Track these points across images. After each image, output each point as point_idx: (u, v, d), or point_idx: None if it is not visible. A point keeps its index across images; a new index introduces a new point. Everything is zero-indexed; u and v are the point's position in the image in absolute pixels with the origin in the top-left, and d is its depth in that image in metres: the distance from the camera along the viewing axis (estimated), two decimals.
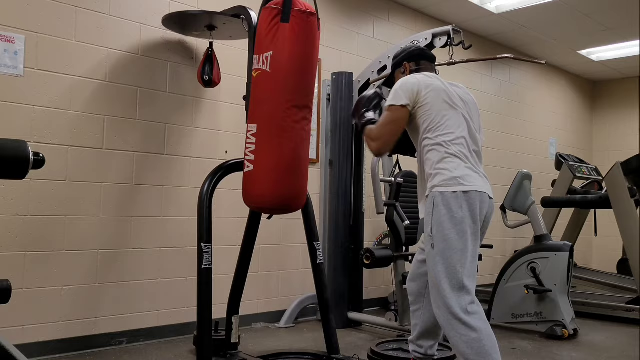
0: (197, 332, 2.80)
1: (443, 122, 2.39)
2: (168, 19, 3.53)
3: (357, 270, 4.37)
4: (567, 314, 4.05)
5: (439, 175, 2.35)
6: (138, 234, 3.59)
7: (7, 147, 1.68)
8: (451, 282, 2.26)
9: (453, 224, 2.28)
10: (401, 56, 2.71)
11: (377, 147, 2.48)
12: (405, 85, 2.45)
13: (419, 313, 2.63)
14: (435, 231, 2.31)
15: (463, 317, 2.23)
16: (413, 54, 2.69)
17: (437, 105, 2.41)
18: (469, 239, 2.29)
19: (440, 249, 2.29)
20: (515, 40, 6.45)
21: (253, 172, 2.70)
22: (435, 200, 2.32)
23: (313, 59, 2.71)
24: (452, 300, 2.25)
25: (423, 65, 2.66)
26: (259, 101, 2.71)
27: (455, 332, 2.25)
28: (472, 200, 2.31)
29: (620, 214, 4.69)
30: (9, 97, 3.10)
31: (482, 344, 2.21)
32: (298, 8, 2.63)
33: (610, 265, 6.69)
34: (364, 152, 4.47)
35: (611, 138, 8.14)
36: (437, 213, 2.31)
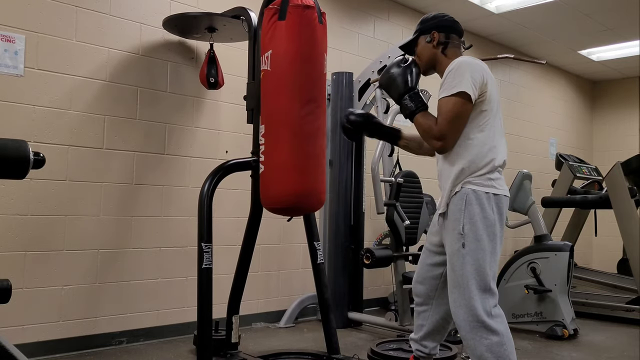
0: (197, 332, 2.80)
1: (493, 122, 2.27)
2: (168, 22, 3.53)
3: (357, 270, 4.37)
4: (567, 314, 4.05)
5: (473, 173, 2.23)
6: (138, 234, 3.59)
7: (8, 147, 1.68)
8: (479, 283, 2.18)
9: (485, 225, 2.20)
10: (432, 22, 2.40)
11: (442, 147, 2.25)
12: (475, 71, 2.21)
13: (426, 314, 2.51)
14: (467, 230, 2.19)
15: (486, 320, 2.16)
16: (445, 24, 2.39)
17: (494, 104, 2.28)
18: (497, 242, 2.23)
19: (471, 248, 2.19)
20: (515, 40, 6.45)
21: (264, 172, 2.71)
22: (468, 198, 2.21)
23: (313, 53, 2.66)
24: (478, 302, 2.17)
25: (453, 39, 2.39)
26: (265, 101, 2.73)
27: (475, 335, 2.17)
28: (500, 204, 2.24)
29: (621, 214, 4.69)
30: (9, 97, 3.10)
31: (503, 348, 2.15)
32: (293, 3, 2.60)
33: (610, 265, 6.69)
34: (364, 152, 4.47)
35: (611, 138, 8.14)
36: (470, 212, 2.20)
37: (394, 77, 2.33)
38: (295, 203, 2.68)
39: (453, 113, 2.18)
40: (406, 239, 3.91)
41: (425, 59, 2.41)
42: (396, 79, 2.33)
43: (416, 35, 2.44)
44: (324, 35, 2.73)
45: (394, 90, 2.34)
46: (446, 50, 2.38)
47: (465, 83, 2.16)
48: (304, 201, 2.69)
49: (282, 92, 2.63)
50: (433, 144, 2.27)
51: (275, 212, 2.81)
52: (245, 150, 3.30)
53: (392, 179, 3.90)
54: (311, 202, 2.73)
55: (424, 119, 2.27)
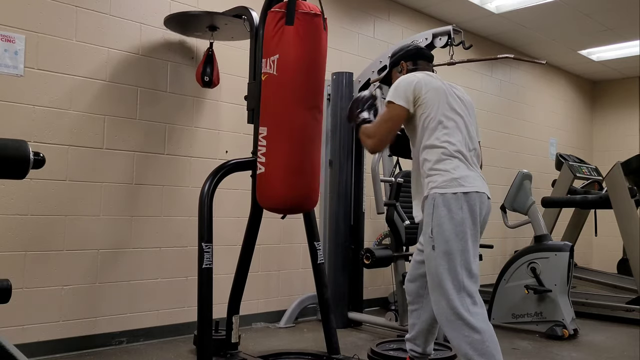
0: (198, 332, 2.80)
1: (442, 122, 2.39)
2: (169, 20, 3.53)
3: (357, 270, 4.37)
4: (567, 314, 4.05)
5: (438, 175, 2.34)
6: (138, 234, 3.59)
7: (8, 147, 1.68)
8: (453, 283, 2.26)
9: (453, 225, 2.28)
10: (398, 55, 2.71)
11: (372, 144, 2.49)
12: (405, 83, 2.44)
13: (417, 313, 2.64)
14: (435, 232, 2.31)
15: (467, 318, 2.22)
16: (410, 52, 2.69)
17: (437, 105, 2.41)
18: (468, 239, 2.29)
19: (441, 250, 2.29)
20: (515, 40, 6.45)
21: (264, 173, 2.76)
22: (436, 201, 2.32)
23: (319, 60, 2.73)
24: (456, 301, 2.24)
25: (420, 64, 2.65)
26: (268, 104, 2.77)
27: (457, 333, 2.24)
28: (472, 202, 2.31)
29: (621, 214, 4.69)
30: (9, 97, 3.10)
31: (485, 345, 2.20)
32: (302, 10, 2.65)
33: (610, 265, 6.69)
34: (364, 152, 4.46)
35: (611, 138, 8.14)
36: (437, 214, 2.30)
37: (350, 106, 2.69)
38: (294, 204, 2.78)
39: (382, 116, 2.47)
40: (406, 239, 3.91)
41: None
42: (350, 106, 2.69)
43: (389, 69, 2.77)
44: (326, 42, 2.80)
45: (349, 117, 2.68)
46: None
47: (393, 94, 2.43)
48: (302, 202, 2.80)
49: (289, 97, 2.69)
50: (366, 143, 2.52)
51: (272, 211, 2.89)
52: (245, 150, 3.30)
53: (392, 179, 3.90)
54: (308, 202, 2.84)
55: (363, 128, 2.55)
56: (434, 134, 2.39)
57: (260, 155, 2.77)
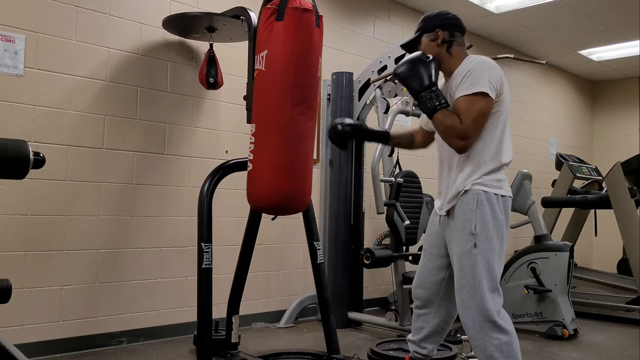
0: (197, 332, 2.80)
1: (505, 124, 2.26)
2: (168, 22, 3.53)
3: (357, 270, 4.37)
4: (567, 314, 4.05)
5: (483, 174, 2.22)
6: (138, 234, 3.59)
7: (8, 147, 1.68)
8: (489, 283, 2.18)
9: (496, 225, 2.20)
10: (435, 20, 2.36)
11: (465, 146, 2.18)
12: (494, 72, 2.21)
13: (426, 317, 2.46)
14: (479, 230, 2.18)
15: (497, 320, 2.16)
16: (449, 22, 2.36)
17: (507, 106, 2.27)
18: (505, 243, 2.25)
19: (483, 249, 2.18)
20: (515, 40, 6.45)
21: (252, 171, 2.72)
22: (480, 198, 2.20)
23: (309, 55, 2.66)
24: (489, 302, 2.16)
25: (457, 37, 2.36)
26: (256, 100, 2.73)
27: (485, 335, 2.16)
28: (507, 206, 2.26)
29: (621, 214, 4.69)
30: (9, 97, 3.10)
31: (512, 347, 2.15)
32: (292, 5, 2.61)
33: (610, 265, 6.68)
34: (364, 152, 4.47)
35: (611, 138, 8.14)
36: (482, 212, 2.19)
37: (415, 70, 2.23)
38: (279, 203, 2.70)
39: (478, 112, 2.15)
40: (406, 239, 3.91)
41: None
42: (418, 72, 2.22)
43: (419, 33, 2.38)
44: (320, 39, 2.73)
45: (415, 83, 2.23)
46: (451, 48, 2.33)
47: (486, 83, 2.15)
48: (288, 202, 2.71)
49: (274, 92, 2.64)
50: (455, 143, 2.18)
51: (259, 210, 2.84)
52: (245, 150, 3.29)
53: (392, 179, 3.90)
54: (295, 203, 2.75)
55: (446, 117, 2.17)
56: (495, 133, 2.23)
57: (249, 153, 2.74)
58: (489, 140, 2.22)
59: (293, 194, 2.71)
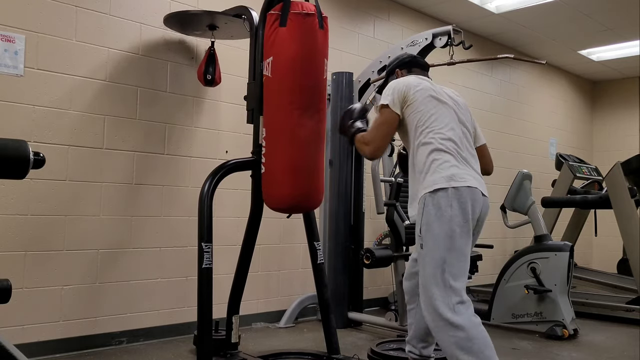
0: (197, 332, 2.80)
1: (432, 118, 2.40)
2: (169, 19, 3.53)
3: (357, 270, 4.37)
4: (567, 314, 4.05)
5: (429, 174, 2.34)
6: (138, 234, 3.59)
7: (8, 147, 1.68)
8: (437, 282, 2.25)
9: (441, 222, 2.27)
10: (393, 64, 2.76)
11: (370, 151, 2.48)
12: (395, 87, 2.48)
13: (413, 312, 2.64)
14: (423, 231, 2.32)
15: (449, 317, 2.20)
16: (404, 61, 2.73)
17: (425, 102, 2.42)
18: (457, 237, 2.27)
19: (429, 248, 2.29)
20: (515, 40, 6.45)
21: (265, 174, 2.82)
22: (426, 201, 2.32)
23: (314, 59, 2.71)
24: (439, 300, 2.23)
25: (415, 72, 2.68)
26: (265, 106, 2.80)
27: (443, 333, 2.23)
28: (462, 198, 2.29)
29: (621, 214, 4.69)
30: (9, 97, 3.10)
31: (471, 342, 2.17)
32: (295, 10, 2.65)
33: (610, 265, 6.69)
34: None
35: (611, 138, 8.14)
36: (426, 213, 2.31)
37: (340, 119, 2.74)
38: (293, 204, 2.82)
39: (376, 121, 2.49)
40: (406, 239, 3.91)
41: None
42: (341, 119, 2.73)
43: (385, 78, 2.80)
44: (325, 41, 2.77)
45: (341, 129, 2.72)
46: None
47: (386, 97, 2.46)
48: (301, 202, 2.83)
49: (282, 98, 2.71)
50: (363, 149, 2.52)
51: (276, 211, 2.92)
52: (245, 150, 3.30)
53: (392, 179, 3.90)
54: (308, 202, 2.87)
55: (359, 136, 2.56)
56: (425, 131, 2.39)
57: (262, 156, 2.83)
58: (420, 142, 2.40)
59: (304, 195, 2.80)
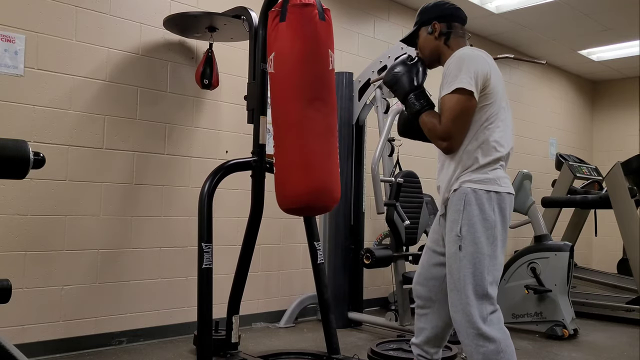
0: (198, 332, 2.80)
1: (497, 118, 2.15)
2: (169, 21, 3.53)
3: (357, 270, 4.37)
4: (567, 314, 4.05)
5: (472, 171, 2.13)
6: (138, 234, 3.59)
7: (8, 147, 1.68)
8: (475, 288, 2.08)
9: (485, 227, 2.09)
10: (431, 13, 2.28)
11: (448, 147, 2.14)
12: (476, 64, 2.10)
13: (427, 317, 2.37)
14: (465, 232, 2.10)
15: (482, 327, 2.06)
16: (446, 12, 2.26)
17: (499, 97, 2.16)
18: (498, 245, 2.11)
19: (469, 252, 2.09)
20: (515, 40, 6.45)
21: (276, 174, 2.70)
22: (467, 198, 2.10)
23: (317, 50, 2.63)
24: (474, 307, 2.07)
25: (455, 28, 2.26)
26: (272, 103, 2.72)
27: (471, 342, 2.08)
28: (503, 204, 2.13)
29: (621, 214, 4.69)
30: (9, 97, 3.10)
31: (499, 356, 2.06)
32: (292, 3, 2.59)
33: (610, 265, 6.69)
34: (364, 152, 4.47)
35: (611, 138, 8.14)
36: (469, 212, 2.09)
37: (399, 75, 2.24)
38: (307, 202, 2.62)
39: (455, 111, 2.08)
40: (406, 239, 3.91)
41: (428, 52, 2.29)
42: (402, 77, 2.23)
43: (416, 27, 2.32)
44: (329, 32, 2.67)
45: (399, 89, 2.24)
46: (449, 41, 2.25)
47: (464, 78, 2.06)
48: (315, 200, 2.62)
49: (287, 92, 2.63)
50: (438, 144, 2.17)
51: (290, 213, 2.75)
52: (245, 150, 3.30)
53: (392, 179, 3.90)
54: (323, 200, 2.65)
55: (428, 118, 2.16)
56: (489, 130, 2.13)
57: (272, 157, 2.73)
58: (478, 135, 2.13)
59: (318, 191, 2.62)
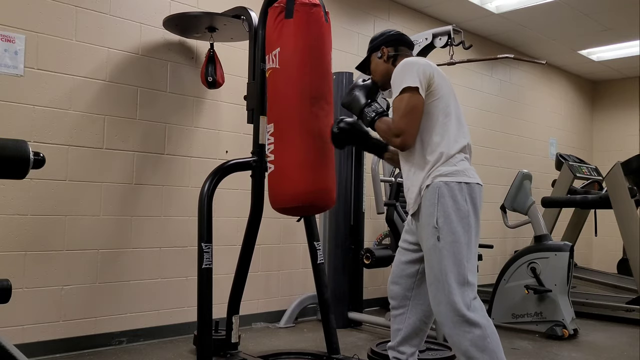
0: (197, 332, 2.80)
1: (449, 112, 2.27)
2: (169, 21, 3.53)
3: (357, 270, 4.37)
4: (567, 314, 4.05)
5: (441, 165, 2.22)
6: (138, 234, 3.59)
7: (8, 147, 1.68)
8: (457, 277, 2.15)
9: (459, 216, 2.18)
10: (379, 40, 2.51)
11: (402, 142, 2.26)
12: (417, 65, 2.26)
13: (402, 317, 2.42)
14: (441, 223, 2.18)
15: (467, 314, 2.13)
16: (392, 38, 2.50)
17: (445, 93, 2.28)
18: (472, 233, 2.21)
19: (447, 241, 2.17)
20: (515, 40, 6.45)
21: (274, 172, 2.67)
22: (440, 191, 2.20)
23: (322, 50, 2.66)
24: (457, 295, 2.14)
25: (402, 51, 2.48)
26: (273, 99, 2.69)
27: (457, 330, 2.14)
28: (474, 194, 2.23)
29: (621, 214, 4.69)
30: (9, 97, 3.10)
31: (487, 340, 2.12)
32: (301, 2, 2.61)
33: (610, 265, 6.69)
34: (364, 152, 4.46)
35: (611, 138, 8.14)
36: (443, 204, 2.19)
37: (353, 94, 2.45)
38: (309, 201, 2.62)
39: (405, 108, 2.22)
40: None
41: (379, 75, 2.49)
42: (355, 96, 2.44)
43: (368, 54, 2.54)
44: (330, 34, 2.73)
45: (355, 106, 2.43)
46: (396, 62, 2.42)
47: (408, 78, 2.22)
48: (317, 199, 2.64)
49: (292, 89, 2.61)
50: (393, 141, 2.29)
51: (285, 213, 2.75)
52: (245, 150, 3.30)
53: (392, 179, 3.90)
54: (324, 200, 2.68)
55: (382, 123, 2.33)
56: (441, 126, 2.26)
57: (269, 154, 2.68)
58: (435, 130, 2.26)
59: (320, 191, 2.64)
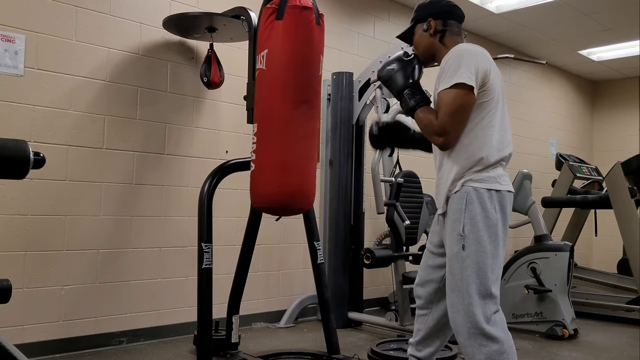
0: (197, 332, 2.80)
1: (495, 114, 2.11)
2: (169, 22, 3.53)
3: (357, 270, 4.37)
4: (568, 314, 4.05)
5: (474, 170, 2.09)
6: (138, 234, 3.59)
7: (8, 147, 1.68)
8: (479, 288, 2.04)
9: (487, 225, 2.06)
10: (427, 9, 2.28)
11: (444, 143, 2.09)
12: (476, 59, 2.06)
13: (424, 318, 2.35)
14: (468, 231, 2.06)
15: (485, 327, 2.03)
16: (442, 9, 2.25)
17: (497, 94, 2.11)
18: (500, 243, 2.09)
19: (472, 250, 2.05)
20: (515, 40, 6.45)
21: (255, 171, 2.69)
22: (469, 197, 2.07)
23: (310, 54, 2.64)
24: (477, 308, 2.04)
25: (451, 26, 2.24)
26: (258, 99, 2.71)
27: (474, 342, 2.04)
28: (504, 202, 2.11)
29: (621, 214, 4.69)
30: (9, 97, 3.10)
31: (503, 356, 2.03)
32: (292, 4, 2.59)
33: (610, 265, 6.69)
34: (364, 152, 4.47)
35: (611, 138, 8.14)
36: (471, 211, 2.06)
37: (393, 71, 2.20)
38: (282, 203, 2.66)
39: (453, 106, 2.03)
40: (406, 239, 3.91)
41: (423, 49, 2.28)
42: (396, 73, 2.19)
43: (412, 23, 2.31)
44: (321, 37, 2.70)
45: (393, 85, 2.20)
46: (444, 38, 2.23)
47: (464, 73, 2.02)
48: (291, 201, 2.66)
49: (275, 91, 2.62)
50: (434, 140, 2.12)
51: (262, 211, 2.80)
52: (245, 150, 3.30)
53: (392, 179, 3.90)
54: (298, 202, 2.70)
55: (424, 114, 2.12)
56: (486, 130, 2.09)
57: (251, 153, 2.71)
58: (478, 133, 2.09)
59: (294, 194, 2.66)
